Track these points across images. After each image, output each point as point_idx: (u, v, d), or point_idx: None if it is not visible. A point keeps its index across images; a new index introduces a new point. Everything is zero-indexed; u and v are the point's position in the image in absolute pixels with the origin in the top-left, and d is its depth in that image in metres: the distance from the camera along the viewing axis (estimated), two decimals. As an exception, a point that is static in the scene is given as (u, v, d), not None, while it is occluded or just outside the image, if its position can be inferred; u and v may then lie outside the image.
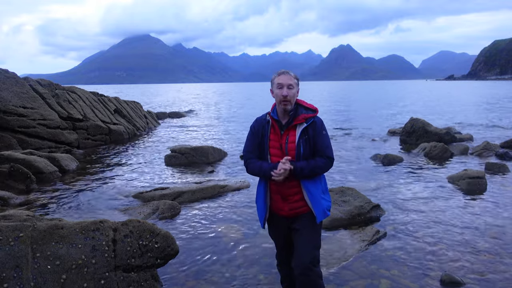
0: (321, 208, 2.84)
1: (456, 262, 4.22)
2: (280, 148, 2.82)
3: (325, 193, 2.94)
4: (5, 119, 10.37)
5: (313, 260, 2.78)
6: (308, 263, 2.75)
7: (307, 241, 2.82)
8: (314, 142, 2.81)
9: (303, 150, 2.78)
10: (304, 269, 2.75)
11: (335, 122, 19.91)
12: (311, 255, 2.78)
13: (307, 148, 2.79)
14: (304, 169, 2.75)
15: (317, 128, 2.82)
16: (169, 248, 3.44)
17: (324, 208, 2.86)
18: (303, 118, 2.80)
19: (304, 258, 2.76)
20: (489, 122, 19.09)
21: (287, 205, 2.88)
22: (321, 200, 2.84)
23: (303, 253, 2.78)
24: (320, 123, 2.86)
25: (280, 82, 2.80)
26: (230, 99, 50.90)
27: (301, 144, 2.78)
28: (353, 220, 5.49)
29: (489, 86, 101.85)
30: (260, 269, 4.15)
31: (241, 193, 7.11)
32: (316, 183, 2.86)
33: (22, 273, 2.86)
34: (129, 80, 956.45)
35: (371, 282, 3.83)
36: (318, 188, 2.86)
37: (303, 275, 2.75)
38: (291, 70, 2.87)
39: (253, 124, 3.01)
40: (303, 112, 2.84)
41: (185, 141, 14.16)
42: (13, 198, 6.60)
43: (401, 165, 9.41)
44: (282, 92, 2.77)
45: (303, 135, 2.79)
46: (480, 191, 6.93)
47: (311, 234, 2.85)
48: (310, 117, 2.82)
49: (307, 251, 2.79)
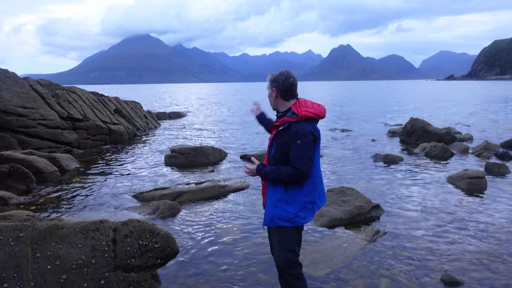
0: (270, 215, 2.82)
1: (456, 262, 4.22)
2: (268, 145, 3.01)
3: (290, 203, 2.78)
4: (5, 119, 10.37)
5: (285, 262, 2.83)
6: (283, 265, 2.84)
7: (277, 244, 2.88)
8: (287, 148, 2.74)
9: (274, 152, 2.81)
10: (280, 271, 2.89)
11: (335, 122, 19.90)
12: (284, 257, 2.84)
13: (278, 152, 2.78)
14: (268, 173, 2.77)
15: (291, 135, 2.69)
16: (169, 248, 3.44)
17: (274, 216, 2.80)
18: (282, 121, 2.78)
19: (276, 260, 2.90)
20: (489, 122, 19.10)
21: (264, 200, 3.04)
22: (274, 207, 2.81)
23: (277, 256, 2.90)
24: (296, 131, 2.68)
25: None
26: (230, 99, 50.92)
27: (273, 146, 2.82)
28: (353, 220, 5.49)
29: (489, 86, 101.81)
30: (260, 268, 4.15)
31: (241, 193, 7.11)
32: (276, 189, 2.81)
33: (22, 273, 2.86)
34: (129, 80, 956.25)
35: (371, 281, 3.84)
36: (275, 194, 2.81)
37: (280, 277, 2.92)
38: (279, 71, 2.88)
39: None
40: (288, 115, 2.79)
41: (185, 141, 14.17)
42: (13, 198, 6.61)
43: (401, 165, 9.41)
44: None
45: (277, 138, 2.79)
46: (480, 191, 6.93)
47: (279, 237, 2.86)
48: (288, 121, 2.74)
49: (278, 253, 2.87)
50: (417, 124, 12.98)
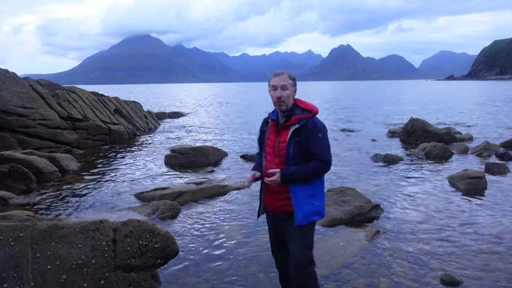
0: (303, 212, 2.81)
1: (456, 262, 4.22)
2: (273, 147, 2.90)
3: (316, 197, 2.87)
4: (5, 119, 10.37)
5: (305, 260, 2.83)
6: (301, 263, 2.82)
7: (300, 242, 2.86)
8: (306, 144, 2.78)
9: (293, 151, 2.79)
10: (297, 269, 2.83)
11: (335, 122, 19.90)
12: (303, 255, 2.83)
13: (297, 150, 2.79)
14: (295, 174, 2.76)
15: (309, 130, 2.77)
16: (169, 248, 3.44)
17: (308, 213, 2.82)
18: (296, 119, 2.81)
19: (296, 258, 2.84)
20: (489, 122, 19.10)
21: (276, 202, 2.95)
22: (305, 204, 2.81)
23: (296, 254, 2.85)
24: (314, 125, 2.78)
25: (274, 84, 2.84)
26: (231, 99, 50.92)
27: (291, 145, 2.80)
28: (353, 220, 5.50)
29: (489, 86, 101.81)
30: (260, 267, 4.15)
31: (241, 193, 7.11)
32: (303, 187, 2.82)
33: (22, 273, 2.86)
34: (129, 80, 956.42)
35: (371, 281, 3.84)
36: (305, 191, 2.82)
37: (296, 275, 2.84)
38: (288, 70, 2.89)
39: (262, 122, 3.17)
40: (297, 113, 2.83)
41: (185, 141, 14.16)
42: (13, 198, 6.61)
43: (401, 165, 9.41)
44: (275, 94, 2.82)
45: (295, 136, 2.79)
46: (480, 191, 6.93)
47: (301, 235, 2.87)
48: (303, 118, 2.80)
49: (299, 251, 2.84)
50: (417, 124, 12.98)
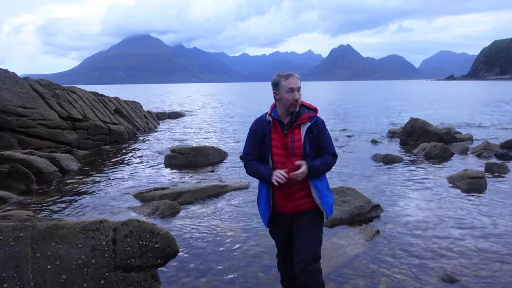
0: (329, 205, 2.94)
1: (456, 262, 4.21)
2: (285, 147, 2.84)
3: (329, 190, 3.01)
4: (5, 119, 10.37)
5: (314, 255, 2.83)
6: (310, 258, 2.80)
7: (310, 238, 2.86)
8: (318, 141, 2.88)
9: (309, 149, 2.85)
10: (305, 265, 2.78)
11: (335, 122, 19.91)
12: (313, 251, 2.83)
13: (312, 147, 2.86)
14: (320, 167, 2.84)
15: (320, 127, 2.90)
16: (169, 248, 3.44)
17: (331, 205, 2.97)
18: (306, 117, 2.86)
19: (306, 253, 2.81)
20: (489, 122, 19.10)
21: (290, 203, 2.90)
22: (325, 197, 2.92)
23: (305, 249, 2.82)
24: (322, 122, 2.94)
25: (291, 86, 2.79)
26: (230, 100, 50.91)
27: (307, 143, 2.85)
28: (353, 220, 5.50)
29: (489, 86, 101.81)
30: (260, 268, 4.15)
31: (241, 193, 7.11)
32: (322, 180, 2.94)
33: (22, 273, 2.86)
34: (129, 80, 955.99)
35: (371, 281, 3.84)
36: (324, 185, 2.95)
37: (304, 270, 2.79)
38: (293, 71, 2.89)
39: (252, 125, 3.02)
40: (305, 112, 2.89)
41: (185, 141, 14.17)
42: (13, 198, 6.61)
43: (401, 165, 9.41)
44: (294, 96, 2.79)
45: (308, 134, 2.86)
46: (480, 191, 6.93)
47: (314, 231, 2.89)
48: (312, 116, 2.89)
49: (309, 247, 2.83)
50: (417, 124, 12.98)
